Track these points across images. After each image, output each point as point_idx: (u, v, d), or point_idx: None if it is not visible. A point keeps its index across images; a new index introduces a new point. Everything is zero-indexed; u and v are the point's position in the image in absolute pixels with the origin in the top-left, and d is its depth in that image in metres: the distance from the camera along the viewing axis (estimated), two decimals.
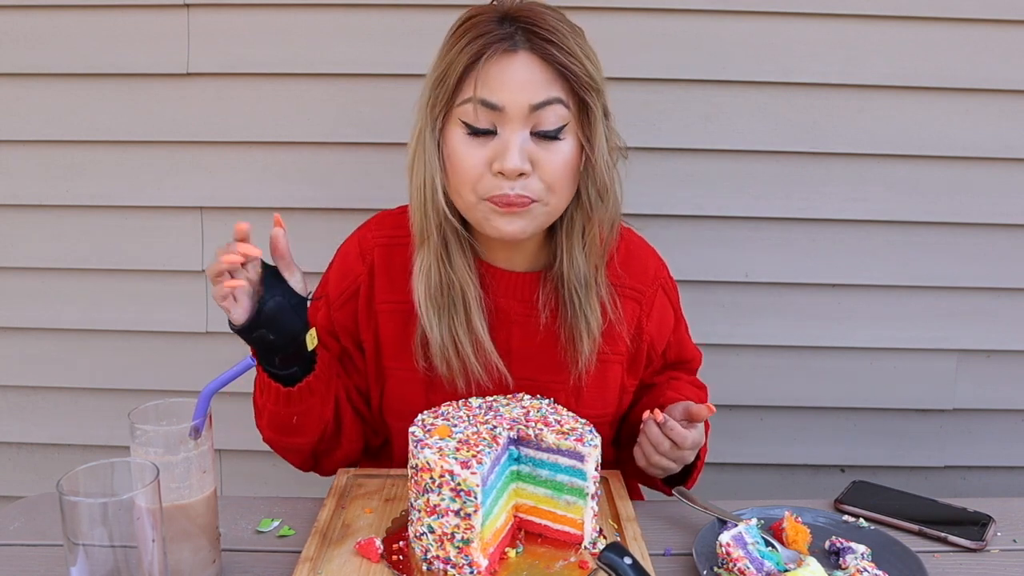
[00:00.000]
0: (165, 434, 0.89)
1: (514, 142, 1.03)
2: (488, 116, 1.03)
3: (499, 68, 1.03)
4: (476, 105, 1.03)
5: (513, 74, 1.03)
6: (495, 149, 1.04)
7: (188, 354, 1.71)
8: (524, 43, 1.03)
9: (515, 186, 1.04)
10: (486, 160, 1.04)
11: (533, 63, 1.03)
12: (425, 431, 0.94)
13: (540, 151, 1.04)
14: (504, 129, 1.04)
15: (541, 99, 1.03)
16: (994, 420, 1.74)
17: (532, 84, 1.03)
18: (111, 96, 1.61)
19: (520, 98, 1.02)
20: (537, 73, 1.03)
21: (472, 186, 1.05)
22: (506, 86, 1.02)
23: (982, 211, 1.63)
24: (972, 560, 1.01)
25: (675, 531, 1.06)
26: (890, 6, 1.55)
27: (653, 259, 1.25)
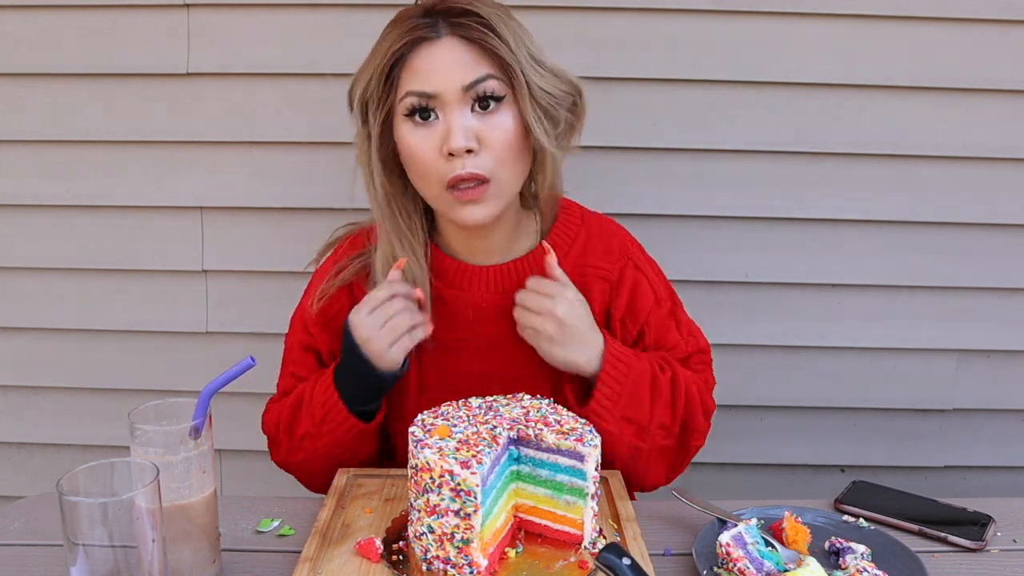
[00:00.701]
0: (165, 434, 0.89)
1: (456, 122, 1.06)
2: (425, 102, 1.06)
3: (426, 56, 1.06)
4: (412, 98, 1.06)
5: (440, 59, 1.06)
6: (440, 133, 1.07)
7: (188, 354, 1.71)
8: (446, 28, 1.06)
9: (466, 164, 1.06)
10: (436, 145, 1.07)
11: (457, 45, 1.06)
12: (425, 431, 0.94)
13: (483, 127, 1.07)
14: (444, 113, 1.06)
15: (472, 78, 1.05)
16: (994, 420, 1.74)
17: (460, 65, 1.05)
18: (111, 96, 1.61)
19: (451, 81, 1.05)
20: (463, 54, 1.06)
21: (434, 175, 1.08)
22: (436, 72, 1.05)
23: (982, 211, 1.63)
24: (972, 560, 1.01)
25: (675, 531, 1.06)
26: (890, 6, 1.55)
27: (618, 237, 1.25)
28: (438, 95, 1.05)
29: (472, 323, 1.19)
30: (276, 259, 1.66)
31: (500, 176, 1.09)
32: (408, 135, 1.08)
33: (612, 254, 1.22)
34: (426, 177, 1.09)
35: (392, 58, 1.07)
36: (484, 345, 1.19)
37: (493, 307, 1.18)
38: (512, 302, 1.16)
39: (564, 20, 1.55)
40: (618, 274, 1.22)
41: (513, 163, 1.10)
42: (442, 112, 1.06)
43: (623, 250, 1.23)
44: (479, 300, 1.19)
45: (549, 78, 1.10)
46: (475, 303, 1.19)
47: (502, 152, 1.08)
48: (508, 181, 1.10)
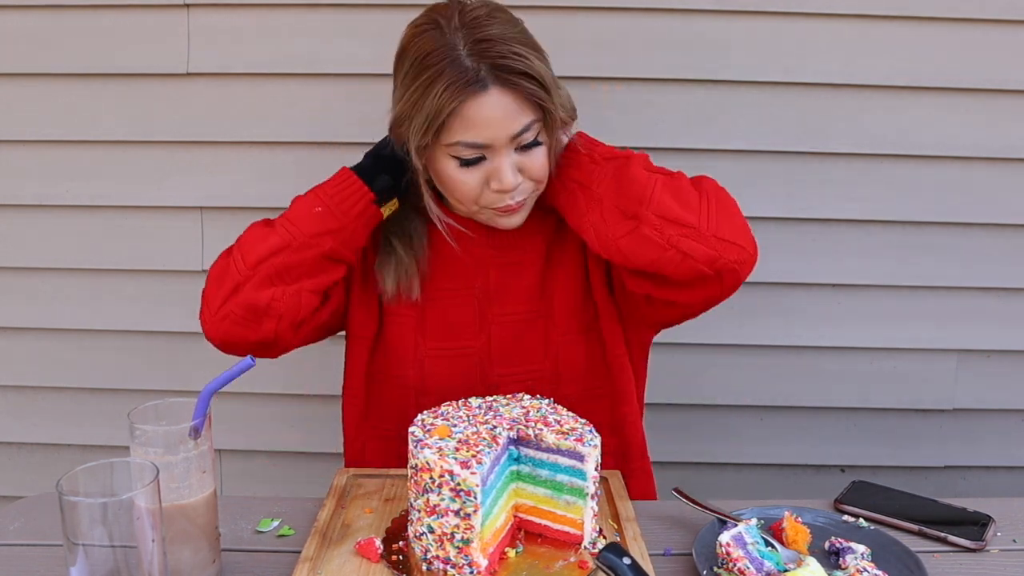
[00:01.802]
0: (165, 434, 0.89)
1: (505, 164, 1.11)
2: (476, 152, 1.10)
3: (476, 109, 1.08)
4: (463, 147, 1.10)
5: (491, 112, 1.08)
6: (488, 172, 1.12)
7: (188, 354, 1.71)
8: (492, 79, 1.07)
9: (514, 195, 1.13)
10: (481, 181, 1.12)
11: (504, 96, 1.08)
12: (425, 431, 0.94)
13: (524, 160, 1.12)
14: (493, 156, 1.11)
15: (519, 128, 1.10)
16: (994, 420, 1.74)
17: (508, 117, 1.09)
18: (111, 96, 1.61)
19: (501, 132, 1.09)
20: (510, 105, 1.09)
21: (473, 201, 1.14)
22: (487, 125, 1.09)
23: (982, 211, 1.63)
24: (972, 560, 1.01)
25: (675, 531, 1.06)
26: (890, 6, 1.55)
27: None
28: (489, 145, 1.10)
29: (472, 272, 1.23)
30: None
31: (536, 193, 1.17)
32: (453, 171, 1.12)
33: None
34: (466, 200, 1.14)
35: (445, 114, 1.07)
36: (480, 295, 1.23)
37: (488, 258, 1.23)
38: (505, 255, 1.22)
39: (564, 20, 1.55)
40: None
41: (545, 179, 1.16)
42: (490, 156, 1.11)
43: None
44: (478, 252, 1.23)
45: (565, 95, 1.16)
46: (474, 254, 1.23)
47: (539, 177, 1.14)
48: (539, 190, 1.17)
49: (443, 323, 1.23)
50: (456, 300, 1.24)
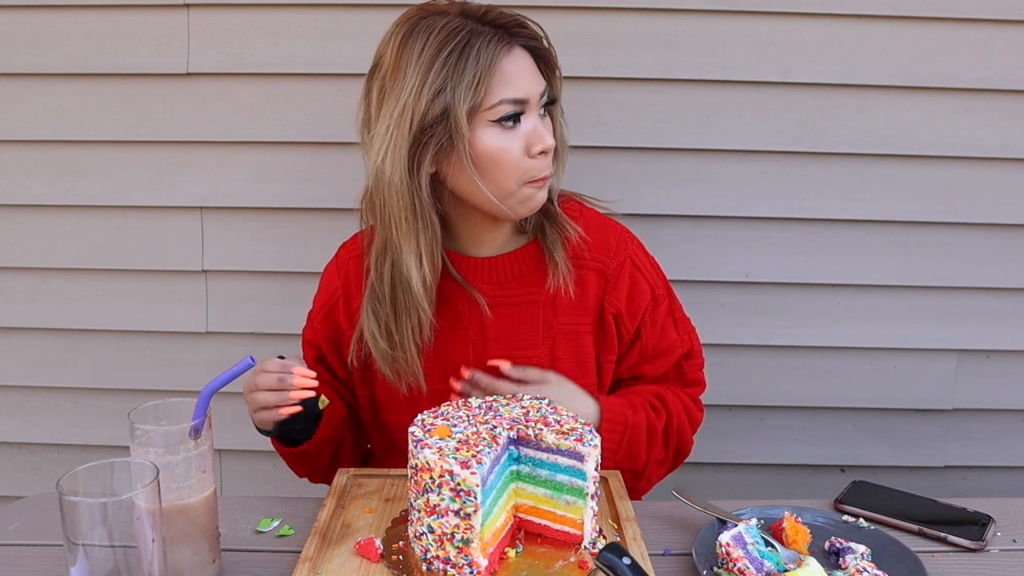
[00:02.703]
0: (165, 434, 0.89)
1: (540, 125, 1.12)
2: (517, 109, 1.10)
3: (512, 64, 1.10)
4: (507, 105, 1.09)
5: (522, 67, 1.11)
6: (526, 136, 1.11)
7: (188, 354, 1.71)
8: (510, 39, 1.10)
9: (548, 160, 1.14)
10: (522, 147, 1.11)
11: (525, 55, 1.12)
12: (425, 431, 0.94)
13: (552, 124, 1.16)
14: (527, 117, 1.11)
15: (544, 85, 1.13)
16: (994, 420, 1.74)
17: (535, 73, 1.12)
18: (111, 96, 1.61)
19: (534, 87, 1.11)
20: (531, 63, 1.12)
21: (516, 173, 1.12)
22: (524, 78, 1.10)
23: (982, 211, 1.63)
24: (972, 560, 1.01)
25: (675, 531, 1.06)
26: (890, 6, 1.55)
27: (614, 231, 1.26)
28: (528, 100, 1.10)
29: (468, 312, 1.21)
30: (276, 259, 1.66)
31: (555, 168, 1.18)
32: (495, 139, 1.10)
33: (609, 248, 1.24)
34: (508, 176, 1.12)
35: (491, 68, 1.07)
36: (477, 336, 1.22)
37: (487, 297, 1.21)
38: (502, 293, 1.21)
39: (564, 20, 1.55)
40: (616, 270, 1.23)
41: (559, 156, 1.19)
42: (525, 117, 1.11)
43: (621, 246, 1.25)
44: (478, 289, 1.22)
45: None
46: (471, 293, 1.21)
47: (559, 147, 1.17)
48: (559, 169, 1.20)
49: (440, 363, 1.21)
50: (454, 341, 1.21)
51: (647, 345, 1.26)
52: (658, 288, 1.26)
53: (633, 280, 1.24)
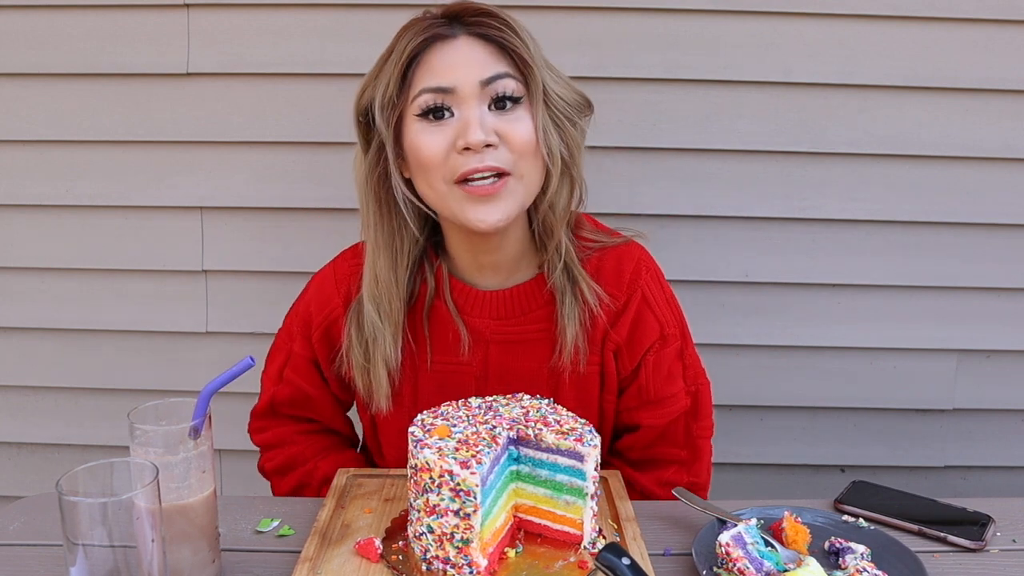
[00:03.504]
0: (165, 434, 0.89)
1: (472, 117, 1.02)
2: (440, 99, 1.03)
3: (442, 54, 1.04)
4: (427, 95, 1.03)
5: (456, 56, 1.03)
6: (456, 129, 1.03)
7: (188, 354, 1.71)
8: (461, 29, 1.05)
9: (484, 158, 1.02)
10: (449, 142, 1.03)
11: (475, 44, 1.04)
12: (425, 431, 0.94)
13: (502, 123, 1.04)
14: (460, 109, 1.03)
15: (490, 74, 1.03)
16: (994, 420, 1.74)
17: (478, 62, 1.03)
18: (111, 96, 1.61)
19: (468, 75, 1.02)
20: (480, 52, 1.04)
21: (440, 171, 1.04)
22: (453, 68, 1.03)
23: (982, 211, 1.63)
24: (972, 560, 1.01)
25: (675, 531, 1.06)
26: (890, 6, 1.55)
27: (630, 262, 1.18)
28: (455, 90, 1.02)
29: (470, 348, 1.17)
30: (276, 259, 1.66)
31: (521, 169, 1.05)
32: (418, 134, 1.04)
33: (621, 282, 1.16)
34: (431, 174, 1.04)
35: (408, 57, 1.04)
36: (479, 372, 1.18)
37: (489, 331, 1.17)
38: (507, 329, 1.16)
39: (564, 20, 1.55)
40: (622, 304, 1.16)
41: (533, 158, 1.05)
42: (458, 110, 1.03)
43: (634, 279, 1.17)
44: (478, 324, 1.17)
45: (563, 84, 1.09)
46: (474, 326, 1.17)
47: (523, 147, 1.04)
48: (529, 177, 1.06)
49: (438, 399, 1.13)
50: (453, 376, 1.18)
51: (647, 387, 1.17)
52: (668, 327, 1.17)
53: (639, 315, 1.16)
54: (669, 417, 1.19)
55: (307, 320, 1.22)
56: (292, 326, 1.25)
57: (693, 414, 1.21)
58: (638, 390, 1.18)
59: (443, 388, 1.17)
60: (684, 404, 1.19)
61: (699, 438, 1.21)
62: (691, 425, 1.21)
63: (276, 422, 1.27)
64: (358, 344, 1.15)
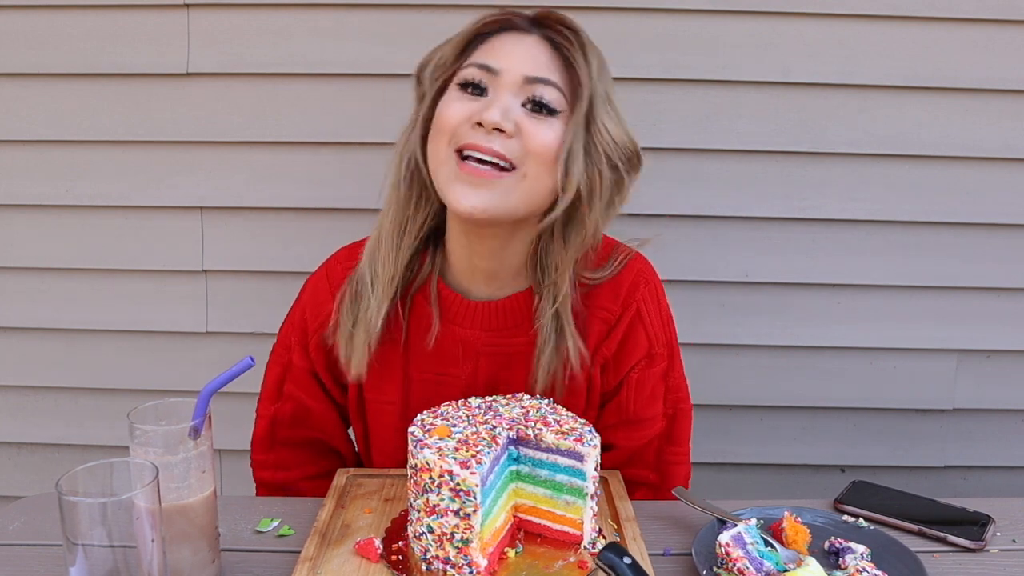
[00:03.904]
0: (164, 434, 0.89)
1: (500, 100, 1.01)
2: (483, 76, 1.03)
3: (506, 41, 1.05)
4: (473, 68, 1.03)
5: (517, 47, 1.04)
6: (482, 103, 1.02)
7: (188, 354, 1.71)
8: (538, 30, 1.06)
9: (492, 140, 1.00)
10: (469, 113, 1.01)
11: (541, 45, 1.05)
12: (424, 431, 0.94)
13: (528, 121, 1.02)
14: (495, 92, 1.03)
15: (537, 74, 1.03)
16: (994, 420, 1.74)
17: (533, 59, 1.03)
18: (111, 96, 1.61)
19: (518, 66, 1.02)
20: (542, 54, 1.04)
21: (447, 136, 1.02)
22: (508, 55, 1.04)
23: (982, 211, 1.63)
24: (972, 560, 1.01)
25: (674, 531, 1.06)
26: (890, 6, 1.55)
27: (629, 275, 1.16)
28: (499, 72, 1.02)
29: (460, 358, 1.16)
30: (276, 259, 1.66)
31: (527, 169, 1.01)
32: (449, 100, 1.04)
33: (618, 296, 1.15)
34: (440, 136, 1.03)
35: (474, 34, 1.05)
36: (468, 383, 1.16)
37: (478, 342, 1.15)
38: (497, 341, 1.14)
39: None
40: (616, 318, 1.15)
41: (544, 164, 1.01)
42: (494, 90, 1.02)
43: (631, 293, 1.15)
44: (468, 335, 1.15)
45: (617, 123, 1.07)
46: (464, 337, 1.15)
47: (537, 149, 1.01)
48: (533, 182, 1.02)
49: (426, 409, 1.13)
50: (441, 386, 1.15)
51: (627, 405, 1.16)
52: (658, 345, 1.16)
53: (631, 330, 1.14)
54: (644, 439, 1.18)
55: (303, 328, 1.20)
56: (289, 338, 1.22)
57: (667, 437, 1.20)
58: (617, 407, 1.17)
59: (431, 398, 1.13)
60: (659, 428, 1.18)
61: (671, 463, 1.20)
62: (664, 448, 1.19)
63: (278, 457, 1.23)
64: (350, 309, 1.12)
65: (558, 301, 1.09)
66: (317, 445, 1.25)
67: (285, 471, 1.23)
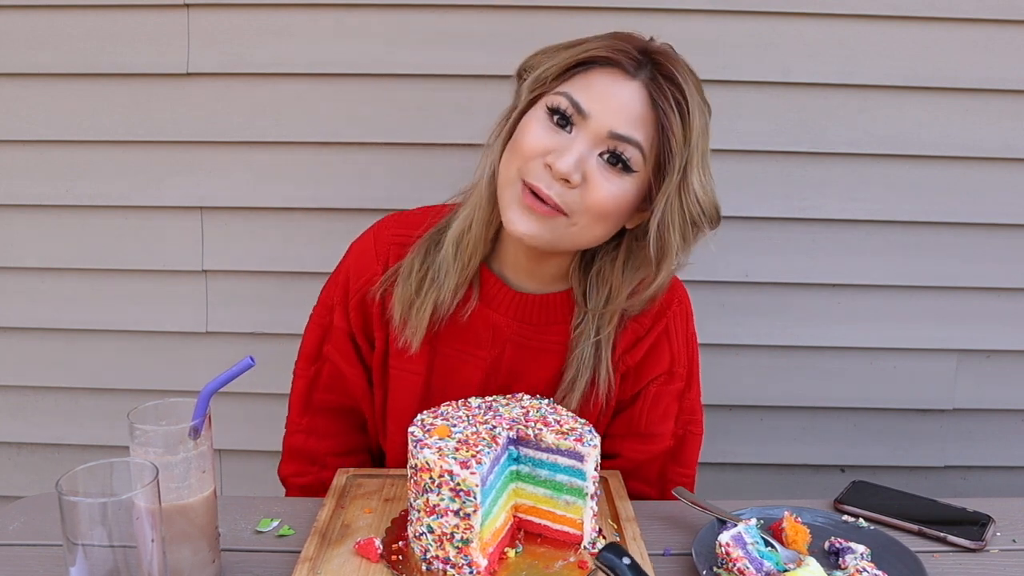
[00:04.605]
0: (164, 434, 0.89)
1: (576, 148, 1.02)
2: (571, 113, 1.03)
3: (608, 83, 1.03)
4: (566, 102, 1.03)
5: (616, 96, 1.02)
6: (559, 144, 1.03)
7: (188, 354, 1.71)
8: (644, 74, 1.03)
9: (553, 186, 1.02)
10: (546, 148, 1.03)
11: (641, 96, 1.03)
12: (424, 431, 0.94)
13: (597, 173, 1.03)
14: (578, 133, 1.03)
15: (624, 132, 1.02)
16: (994, 420, 1.74)
17: (625, 114, 1.02)
18: (111, 96, 1.61)
19: (608, 119, 1.02)
20: (636, 108, 1.02)
21: (520, 163, 1.05)
22: (603, 101, 1.02)
23: (982, 211, 1.63)
24: (972, 560, 1.01)
25: (674, 531, 1.06)
26: (890, 6, 1.55)
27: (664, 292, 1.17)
28: (588, 116, 1.02)
29: (488, 342, 1.17)
30: (276, 259, 1.66)
31: (579, 220, 1.04)
32: (536, 119, 1.05)
33: (650, 310, 1.18)
34: (515, 156, 1.05)
35: (583, 60, 1.04)
36: (490, 368, 1.18)
37: (508, 330, 1.17)
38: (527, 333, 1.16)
39: (565, 20, 1.55)
40: (645, 331, 1.18)
41: (598, 219, 1.05)
42: (576, 132, 1.03)
43: (662, 309, 1.18)
44: (500, 320, 1.17)
45: (703, 185, 1.07)
46: (496, 322, 1.17)
47: (596, 202, 1.03)
48: (581, 231, 1.06)
49: (446, 385, 1.19)
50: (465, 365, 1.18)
51: (639, 418, 1.19)
52: (679, 364, 1.19)
53: (656, 344, 1.18)
54: (650, 454, 1.20)
55: (346, 289, 1.21)
56: (331, 297, 1.23)
57: (673, 456, 1.22)
58: (630, 419, 1.20)
59: (453, 374, 1.18)
60: (667, 445, 1.20)
61: (674, 483, 1.20)
62: (668, 467, 1.22)
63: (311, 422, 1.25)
64: (417, 273, 1.14)
65: (602, 333, 1.13)
66: (348, 417, 1.27)
67: (316, 439, 1.25)
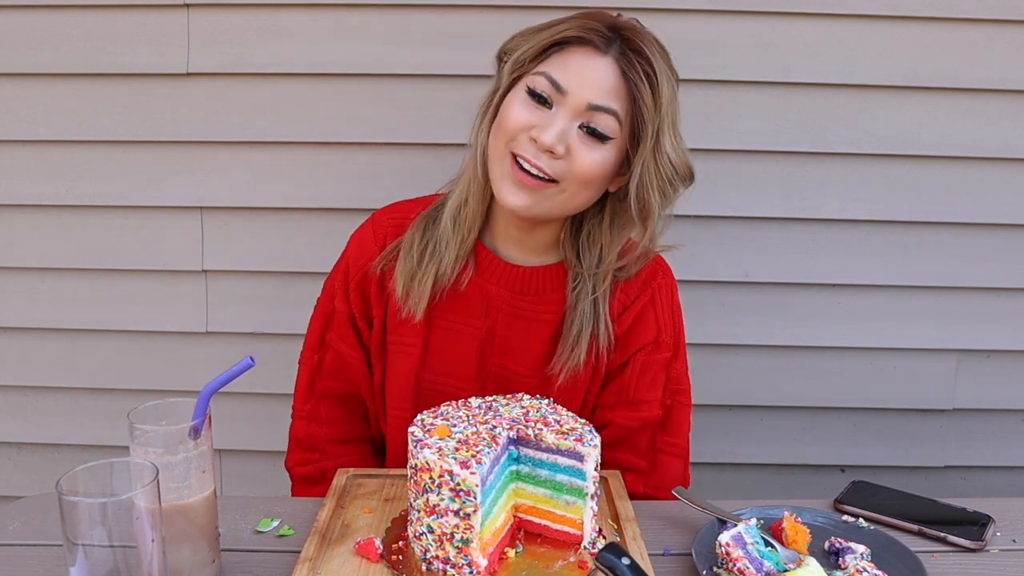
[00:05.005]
0: (164, 434, 0.89)
1: (558, 123, 1.08)
2: (550, 92, 1.09)
3: (583, 60, 1.09)
4: (544, 81, 1.09)
5: (590, 71, 1.08)
6: (541, 120, 1.09)
7: (188, 354, 1.71)
8: (615, 49, 1.09)
9: (541, 157, 1.09)
10: (529, 123, 1.09)
11: (613, 71, 1.09)
12: (425, 431, 0.94)
13: (579, 144, 1.09)
14: (558, 109, 1.09)
15: (600, 103, 1.08)
16: (994, 420, 1.74)
17: (600, 87, 1.08)
18: (111, 96, 1.61)
19: (584, 92, 1.08)
20: (610, 81, 1.09)
21: (507, 138, 1.11)
22: (579, 77, 1.08)
23: (982, 211, 1.63)
24: (972, 560, 1.01)
25: (675, 531, 1.06)
26: (890, 6, 1.55)
27: (649, 266, 1.24)
28: (566, 93, 1.08)
29: (482, 312, 1.21)
30: (276, 259, 1.66)
31: (568, 186, 1.11)
32: (515, 101, 1.11)
33: (637, 281, 1.23)
34: (501, 134, 1.11)
35: (557, 40, 1.09)
36: (484, 339, 1.21)
37: (501, 300, 1.21)
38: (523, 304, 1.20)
39: None
40: (631, 300, 1.22)
41: (584, 185, 1.11)
42: (556, 108, 1.09)
43: (648, 280, 1.23)
44: (493, 290, 1.21)
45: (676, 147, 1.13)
46: (489, 292, 1.21)
47: (580, 170, 1.10)
48: (570, 197, 1.12)
49: (442, 356, 1.22)
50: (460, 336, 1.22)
51: (628, 386, 1.22)
52: (665, 334, 1.23)
53: (642, 313, 1.22)
54: (639, 422, 1.22)
55: (346, 274, 1.26)
56: (333, 284, 1.27)
57: (662, 426, 1.24)
58: (619, 387, 1.23)
59: (448, 346, 1.22)
60: (656, 414, 1.23)
61: (663, 452, 1.24)
62: (657, 437, 1.24)
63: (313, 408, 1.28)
64: (418, 246, 1.19)
65: (598, 291, 1.18)
66: (350, 404, 1.30)
67: (317, 425, 1.28)
